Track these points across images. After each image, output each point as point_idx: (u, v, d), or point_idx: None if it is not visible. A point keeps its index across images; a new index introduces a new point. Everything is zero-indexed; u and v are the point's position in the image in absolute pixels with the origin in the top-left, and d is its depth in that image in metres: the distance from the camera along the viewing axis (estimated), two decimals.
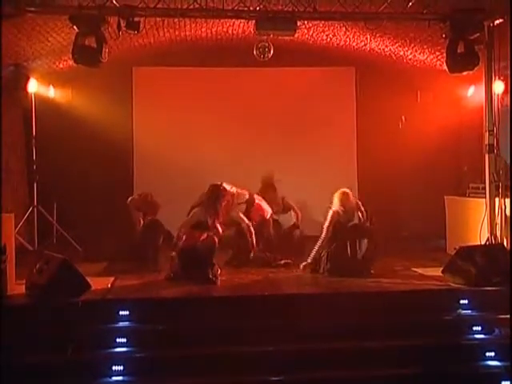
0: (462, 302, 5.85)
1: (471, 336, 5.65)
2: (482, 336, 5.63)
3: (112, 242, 7.92)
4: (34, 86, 8.65)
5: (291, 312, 5.60)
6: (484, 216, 6.94)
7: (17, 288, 5.91)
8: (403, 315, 5.72)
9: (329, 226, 6.94)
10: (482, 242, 6.84)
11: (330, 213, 6.98)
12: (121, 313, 5.51)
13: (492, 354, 5.44)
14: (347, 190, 7.07)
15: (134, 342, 5.35)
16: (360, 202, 7.21)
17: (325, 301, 5.85)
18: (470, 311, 5.82)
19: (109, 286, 6.24)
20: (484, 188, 7.12)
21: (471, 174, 8.53)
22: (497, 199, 6.90)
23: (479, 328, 5.65)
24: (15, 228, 6.67)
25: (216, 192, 7.11)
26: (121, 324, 5.49)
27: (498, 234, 6.83)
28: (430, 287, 6.20)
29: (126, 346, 5.31)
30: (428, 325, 5.67)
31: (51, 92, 9.34)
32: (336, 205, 6.99)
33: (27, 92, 8.61)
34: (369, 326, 5.56)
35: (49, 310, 5.45)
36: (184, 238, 6.74)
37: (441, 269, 6.45)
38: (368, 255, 6.85)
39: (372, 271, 6.79)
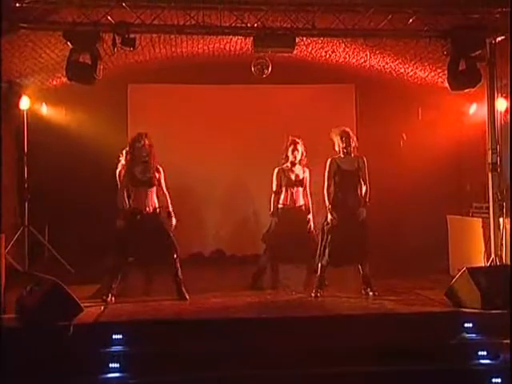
0: (466, 325, 5.80)
1: (476, 361, 5.58)
2: (487, 361, 5.56)
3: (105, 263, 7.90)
4: (26, 104, 8.66)
5: (292, 335, 5.55)
6: (488, 236, 6.92)
7: (6, 310, 5.85)
8: (406, 338, 5.66)
9: (329, 175, 6.79)
10: (487, 263, 6.81)
11: (328, 161, 6.84)
12: (114, 336, 5.45)
13: (498, 380, 5.38)
14: (348, 129, 6.94)
15: (128, 367, 5.28)
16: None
17: (325, 323, 5.82)
18: (474, 335, 5.77)
19: (101, 308, 6.20)
20: (488, 207, 7.12)
21: (474, 193, 8.53)
22: (501, 219, 6.89)
23: (484, 353, 5.58)
24: (5, 248, 6.62)
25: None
26: (114, 348, 5.42)
27: (504, 254, 6.80)
28: (433, 310, 6.16)
29: (120, 372, 5.25)
30: (431, 349, 5.60)
31: (44, 110, 9.35)
32: (337, 143, 6.85)
33: (19, 109, 8.63)
34: (370, 348, 5.50)
35: (39, 333, 5.39)
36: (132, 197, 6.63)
37: (444, 291, 6.41)
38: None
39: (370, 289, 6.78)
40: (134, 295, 6.89)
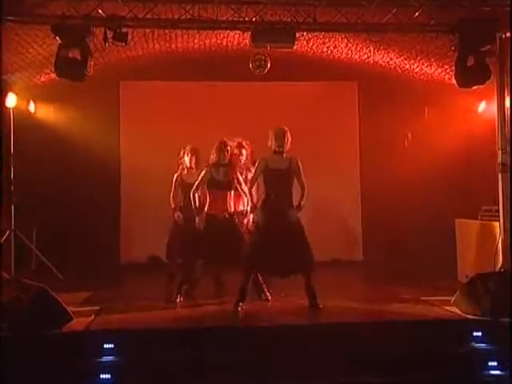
0: (475, 334, 5.77)
1: (486, 372, 5.55)
2: (497, 372, 5.53)
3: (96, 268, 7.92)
4: (12, 101, 8.63)
5: (292, 344, 5.54)
6: (498, 240, 6.91)
7: None
8: (410, 348, 5.63)
9: (254, 174, 6.63)
10: (497, 269, 6.80)
11: (257, 161, 6.69)
12: (105, 346, 5.42)
13: None
14: (285, 128, 6.78)
15: (120, 378, 5.25)
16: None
17: (328, 331, 5.78)
18: (484, 344, 5.73)
19: (92, 316, 6.17)
20: (497, 210, 7.10)
21: (483, 195, 8.51)
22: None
23: (494, 363, 5.55)
24: None
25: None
26: (105, 358, 5.39)
27: None
28: (440, 318, 6.14)
29: (111, 383, 5.21)
30: (438, 358, 5.58)
31: (31, 107, 9.33)
32: (270, 141, 6.67)
33: (5, 107, 8.61)
34: (373, 358, 5.49)
35: (26, 342, 5.37)
36: (208, 199, 6.77)
37: (452, 298, 6.40)
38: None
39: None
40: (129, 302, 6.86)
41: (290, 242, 6.42)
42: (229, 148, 6.93)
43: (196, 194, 6.86)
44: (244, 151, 7.23)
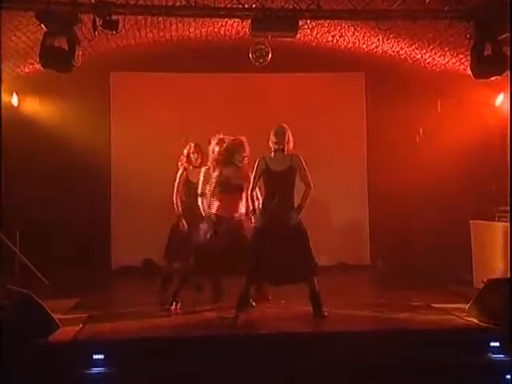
0: (492, 344, 5.76)
1: None
2: None
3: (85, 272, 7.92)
4: None
5: (298, 353, 5.55)
6: None
7: None
8: (422, 358, 5.61)
9: (255, 176, 6.59)
10: None
11: (257, 161, 6.65)
12: (95, 357, 5.41)
13: None
14: (286, 126, 6.73)
15: None
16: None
17: (335, 339, 5.79)
18: (502, 356, 5.71)
19: (80, 325, 6.15)
20: None
21: (500, 194, 8.50)
22: None
23: None
24: None
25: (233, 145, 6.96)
26: (95, 370, 5.38)
27: None
28: (454, 326, 6.13)
29: None
30: (452, 370, 5.57)
31: (15, 100, 9.32)
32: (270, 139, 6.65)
33: None
34: (382, 368, 5.48)
35: (8, 354, 5.34)
36: (217, 204, 6.78)
37: (467, 305, 6.39)
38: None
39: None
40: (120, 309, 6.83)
41: (290, 248, 6.39)
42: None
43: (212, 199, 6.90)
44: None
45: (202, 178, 7.13)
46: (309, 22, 7.75)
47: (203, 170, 7.21)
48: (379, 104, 10.15)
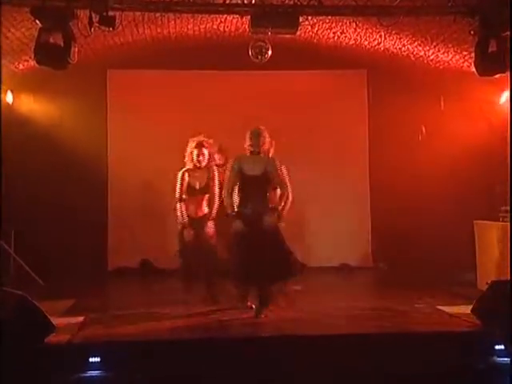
0: (497, 347, 5.74)
1: None
2: None
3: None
4: None
5: (299, 356, 5.53)
6: None
7: None
8: (425, 362, 5.59)
9: (228, 180, 6.60)
10: None
11: (230, 162, 6.72)
12: (91, 360, 5.39)
13: None
14: (262, 127, 6.68)
15: None
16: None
17: (337, 342, 5.76)
18: (507, 359, 5.68)
19: (77, 327, 6.14)
20: None
21: (504, 194, 8.48)
22: None
23: None
24: None
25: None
26: (90, 373, 5.37)
27: None
28: (458, 329, 6.13)
29: None
30: (456, 374, 5.55)
31: (9, 98, 9.29)
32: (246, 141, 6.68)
33: None
34: (385, 372, 5.46)
35: (4, 356, 5.33)
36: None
37: (470, 307, 6.36)
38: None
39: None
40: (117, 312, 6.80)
41: (267, 251, 6.37)
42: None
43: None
44: (205, 151, 7.19)
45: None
46: (310, 18, 7.76)
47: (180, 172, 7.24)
48: (381, 102, 10.13)
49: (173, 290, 7.41)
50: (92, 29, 6.39)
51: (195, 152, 7.15)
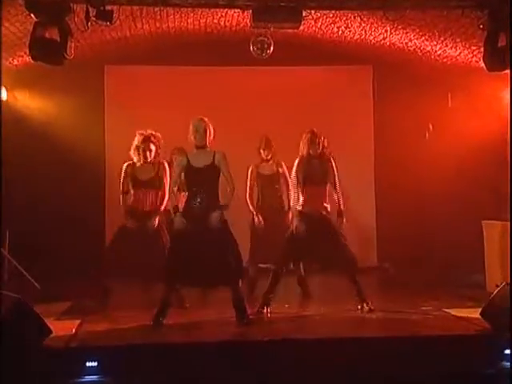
0: (506, 352, 5.72)
1: None
2: None
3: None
4: None
5: (301, 359, 5.52)
6: None
7: None
8: (432, 366, 5.59)
9: (175, 174, 6.65)
10: None
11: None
12: (88, 364, 5.39)
13: None
14: (206, 119, 6.79)
15: None
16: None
17: (341, 346, 5.75)
18: None
19: (73, 330, 6.15)
20: None
21: None
22: None
23: None
24: None
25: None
26: (88, 378, 5.36)
27: None
28: (465, 332, 6.11)
29: None
30: (463, 379, 5.54)
31: (3, 95, 9.29)
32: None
33: None
34: (389, 377, 5.44)
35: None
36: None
37: (479, 310, 6.34)
38: None
39: None
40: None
41: (212, 250, 6.30)
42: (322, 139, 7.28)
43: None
44: (152, 146, 7.19)
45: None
46: (313, 12, 7.74)
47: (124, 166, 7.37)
48: (387, 98, 10.14)
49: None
50: (89, 23, 6.41)
51: (142, 147, 7.15)
